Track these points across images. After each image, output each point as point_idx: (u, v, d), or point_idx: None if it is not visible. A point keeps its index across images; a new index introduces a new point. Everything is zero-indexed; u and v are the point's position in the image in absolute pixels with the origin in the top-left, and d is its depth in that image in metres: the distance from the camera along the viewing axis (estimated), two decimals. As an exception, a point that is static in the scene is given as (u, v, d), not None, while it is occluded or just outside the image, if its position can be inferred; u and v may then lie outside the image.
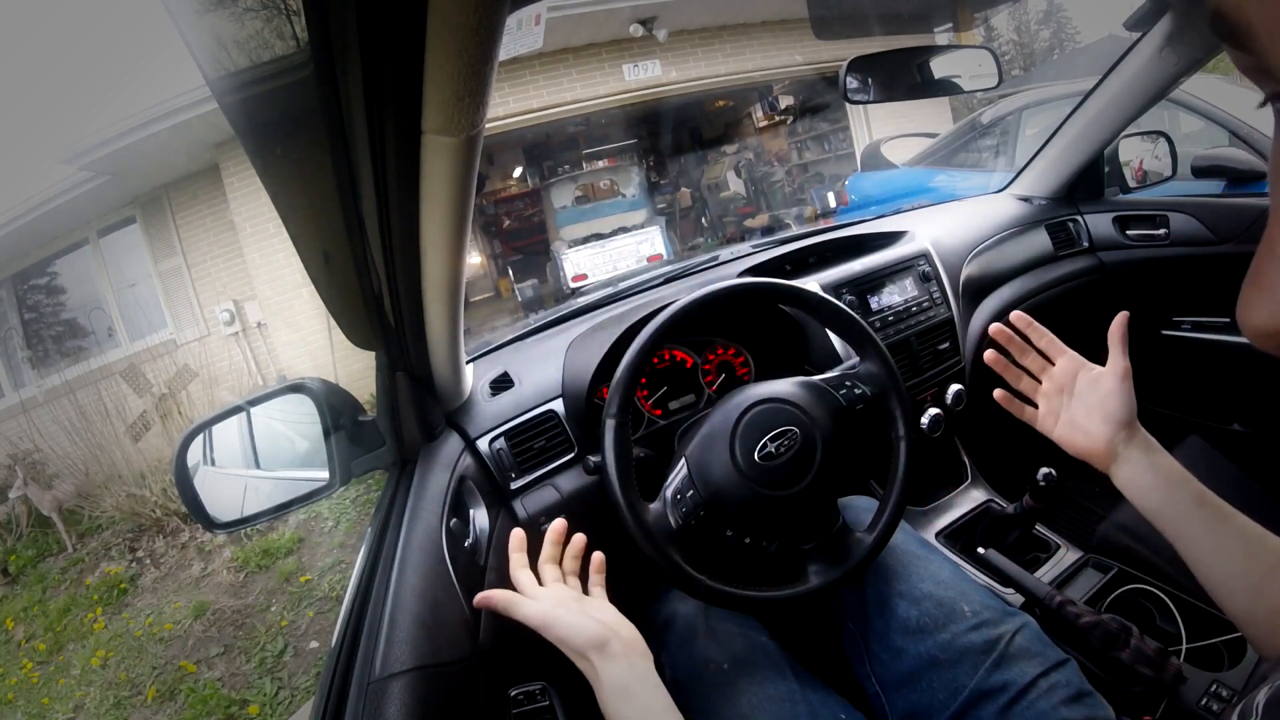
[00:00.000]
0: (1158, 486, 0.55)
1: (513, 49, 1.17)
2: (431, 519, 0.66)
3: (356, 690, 0.49)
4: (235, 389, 4.86)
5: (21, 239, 5.48)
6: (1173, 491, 0.54)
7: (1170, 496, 0.54)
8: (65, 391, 4.52)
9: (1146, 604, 0.86)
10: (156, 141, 4.53)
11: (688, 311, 0.74)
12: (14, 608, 3.56)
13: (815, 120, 7.99)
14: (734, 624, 0.79)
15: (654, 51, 5.50)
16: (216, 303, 5.38)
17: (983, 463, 1.21)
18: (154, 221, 5.52)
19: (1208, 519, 0.53)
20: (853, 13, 4.17)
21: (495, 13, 0.29)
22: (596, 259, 6.21)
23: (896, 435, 0.77)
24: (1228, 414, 1.33)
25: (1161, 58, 1.08)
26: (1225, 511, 0.53)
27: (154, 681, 2.52)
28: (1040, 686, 0.63)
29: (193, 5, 0.30)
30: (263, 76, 0.34)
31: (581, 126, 7.61)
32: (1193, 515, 0.53)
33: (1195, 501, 0.53)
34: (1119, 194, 1.39)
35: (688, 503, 0.70)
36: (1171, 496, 0.54)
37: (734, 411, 0.73)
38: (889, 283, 1.12)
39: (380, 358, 0.69)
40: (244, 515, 0.72)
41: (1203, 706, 0.69)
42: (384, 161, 0.38)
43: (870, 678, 0.75)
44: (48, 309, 6.27)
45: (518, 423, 0.89)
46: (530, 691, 0.62)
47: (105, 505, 3.89)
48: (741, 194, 8.93)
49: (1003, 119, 3.63)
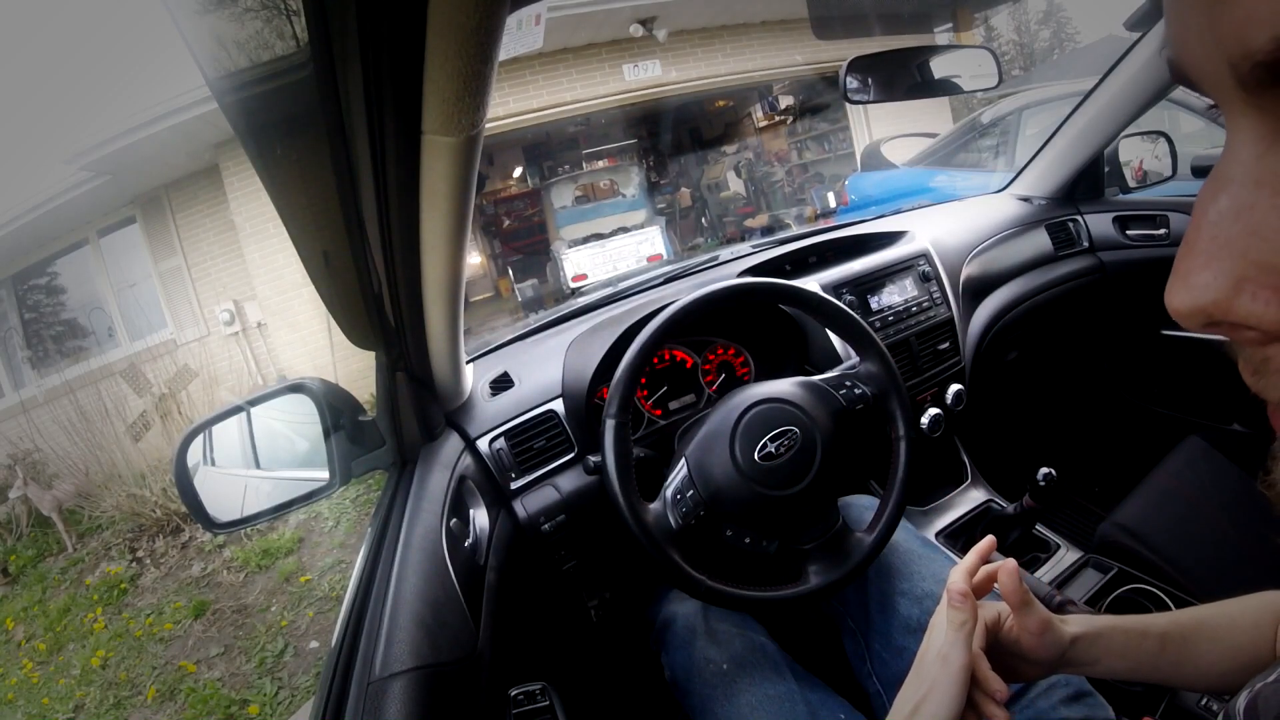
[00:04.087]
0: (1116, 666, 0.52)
1: (513, 49, 1.16)
2: (431, 519, 0.66)
3: (356, 690, 0.49)
4: (235, 389, 4.87)
5: (21, 239, 5.48)
6: (1132, 659, 0.51)
7: (1134, 665, 0.51)
8: (65, 391, 4.52)
9: (1146, 604, 0.86)
10: (156, 141, 4.53)
11: (688, 311, 0.74)
12: (14, 608, 3.56)
13: (815, 120, 7.99)
14: (734, 624, 0.79)
15: (654, 51, 5.50)
16: (216, 303, 5.38)
17: (983, 463, 1.21)
18: (154, 221, 5.52)
19: (1177, 652, 0.50)
20: (853, 13, 4.17)
21: (495, 13, 0.29)
22: (596, 259, 6.21)
23: (896, 435, 0.77)
24: (1228, 414, 1.33)
25: (1161, 58, 1.07)
26: (1189, 629, 0.51)
27: (154, 681, 2.52)
28: (1040, 686, 0.64)
29: (193, 5, 0.30)
30: (263, 76, 0.34)
31: (581, 126, 7.61)
32: (1161, 661, 0.51)
33: (1157, 648, 0.50)
34: (1119, 194, 1.39)
35: (688, 503, 0.70)
36: (1135, 664, 0.51)
37: (734, 411, 0.73)
38: (889, 283, 1.12)
39: (380, 358, 0.69)
40: (244, 515, 0.72)
41: (1203, 706, 0.69)
42: (384, 161, 0.38)
43: (872, 676, 0.75)
44: (48, 309, 6.27)
45: (518, 423, 0.89)
46: (530, 691, 0.62)
47: (105, 505, 3.89)
48: (741, 194, 8.93)
49: (1003, 119, 3.63)
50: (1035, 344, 1.40)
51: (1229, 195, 0.18)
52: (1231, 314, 0.18)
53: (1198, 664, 0.50)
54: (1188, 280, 0.19)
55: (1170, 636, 0.51)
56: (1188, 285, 0.19)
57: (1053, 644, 0.50)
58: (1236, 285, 0.18)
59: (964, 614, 0.50)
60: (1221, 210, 0.18)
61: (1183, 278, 0.19)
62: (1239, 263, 0.18)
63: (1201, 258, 0.19)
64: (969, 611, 0.50)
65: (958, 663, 0.48)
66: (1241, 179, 0.18)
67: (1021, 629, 0.51)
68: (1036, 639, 0.50)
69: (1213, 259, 0.18)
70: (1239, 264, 0.18)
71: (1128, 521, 0.95)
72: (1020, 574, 0.51)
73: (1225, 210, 0.18)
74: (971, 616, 0.50)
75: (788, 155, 8.70)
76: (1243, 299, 0.18)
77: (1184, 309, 0.19)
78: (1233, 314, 0.18)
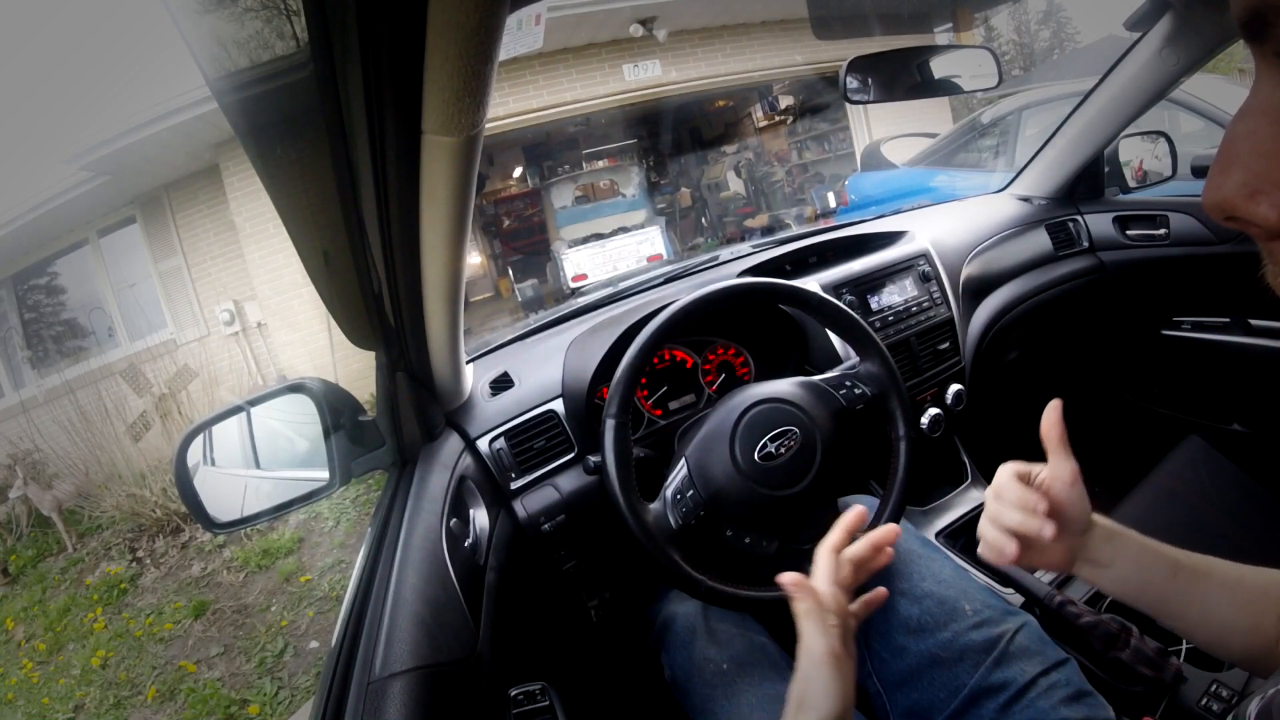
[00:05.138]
0: (1129, 575, 0.52)
1: (513, 49, 1.16)
2: (431, 519, 0.66)
3: (356, 690, 0.49)
4: (235, 389, 4.86)
5: (21, 239, 5.48)
6: (1145, 574, 0.51)
7: (1144, 581, 0.51)
8: (65, 391, 4.52)
9: (1146, 604, 0.86)
10: (156, 141, 4.53)
11: (688, 311, 0.74)
12: (14, 608, 3.56)
13: (815, 120, 7.99)
14: (733, 624, 0.79)
15: (654, 51, 5.50)
16: (216, 303, 5.37)
17: (983, 463, 1.21)
18: (154, 221, 5.52)
19: (1187, 585, 0.51)
20: (853, 13, 4.17)
21: (495, 13, 0.29)
22: (596, 259, 6.21)
23: (896, 435, 0.77)
24: (1228, 414, 1.33)
25: (1161, 58, 1.08)
26: (1201, 568, 0.51)
27: (154, 681, 2.52)
28: (1040, 685, 0.63)
29: (193, 5, 0.30)
30: (263, 76, 0.34)
31: (581, 126, 7.61)
32: (1170, 588, 0.51)
33: (1170, 573, 0.51)
34: (1119, 194, 1.39)
35: (688, 503, 0.70)
36: (1145, 580, 0.51)
37: (734, 411, 0.73)
38: (889, 283, 1.11)
39: (380, 358, 0.69)
40: (244, 515, 0.72)
41: (1203, 706, 0.69)
42: (384, 161, 0.38)
43: (871, 676, 0.75)
44: (48, 309, 6.27)
45: (518, 423, 0.89)
46: (530, 691, 0.62)
47: (105, 505, 3.89)
48: (741, 194, 8.93)
49: (1003, 119, 3.63)
50: (1035, 344, 1.40)
51: (1245, 121, 0.23)
52: (1240, 211, 0.23)
53: (1204, 604, 0.50)
54: (1212, 182, 0.24)
55: (1184, 566, 0.51)
56: (1212, 186, 0.24)
57: (1079, 503, 0.52)
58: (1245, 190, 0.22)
59: (805, 602, 0.52)
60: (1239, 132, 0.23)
61: (1211, 178, 0.24)
62: (1247, 173, 0.22)
63: (1222, 166, 0.23)
64: (810, 599, 0.52)
65: (819, 649, 0.50)
66: (1259, 109, 0.22)
67: (1054, 477, 0.52)
68: (1068, 488, 0.51)
69: (1229, 168, 0.23)
70: (1247, 174, 0.22)
71: (1128, 521, 0.95)
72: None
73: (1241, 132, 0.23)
74: (813, 602, 0.52)
75: (788, 155, 8.70)
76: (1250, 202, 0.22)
77: (1208, 203, 0.24)
78: (1241, 211, 0.23)
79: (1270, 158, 0.22)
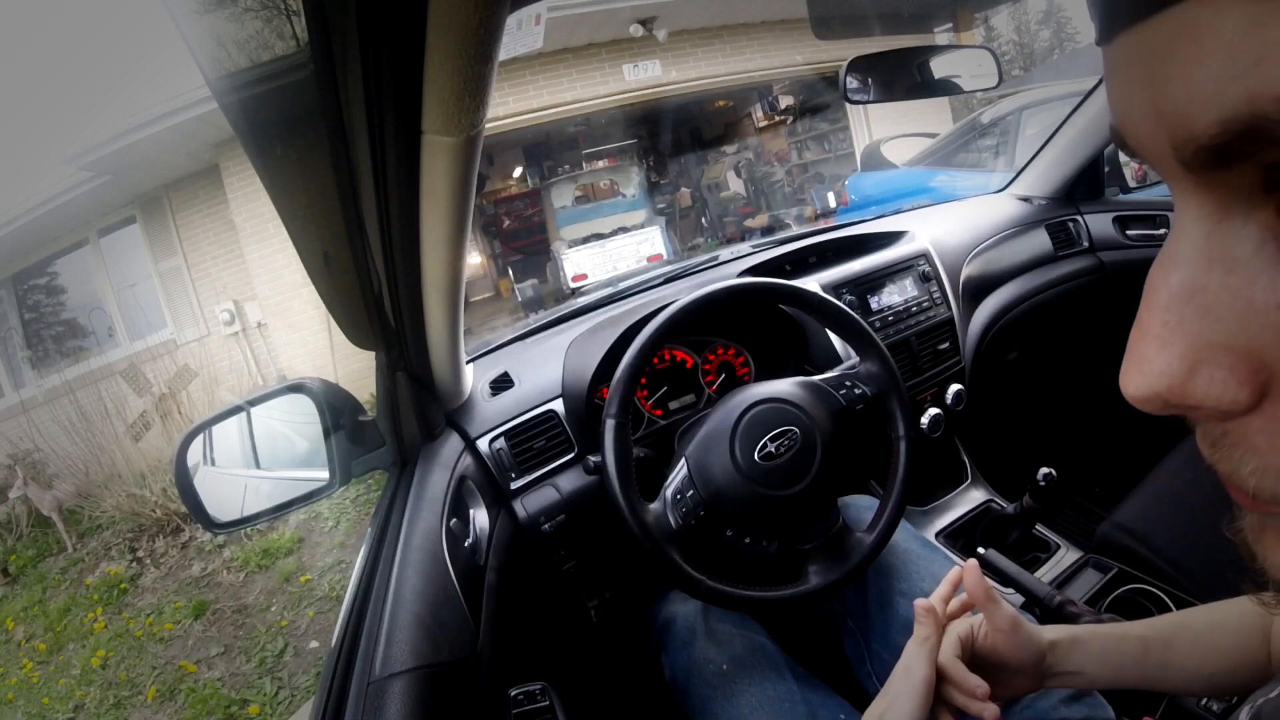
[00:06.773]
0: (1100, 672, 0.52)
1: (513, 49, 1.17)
2: (431, 519, 0.66)
3: (356, 690, 0.49)
4: (235, 389, 4.86)
5: (21, 239, 5.48)
6: (1116, 665, 0.51)
7: (1118, 670, 0.51)
8: (65, 391, 4.52)
9: (1146, 604, 0.86)
10: (156, 141, 4.53)
11: (688, 311, 0.74)
12: (14, 608, 3.56)
13: (815, 120, 7.99)
14: (733, 625, 0.79)
15: (654, 51, 5.50)
16: (216, 303, 5.37)
17: (983, 463, 1.21)
18: (154, 221, 5.52)
19: (1161, 658, 0.50)
20: (853, 13, 4.17)
21: (495, 13, 0.29)
22: (596, 259, 6.21)
23: (896, 435, 0.77)
24: (1228, 414, 1.33)
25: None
26: (1169, 634, 0.51)
27: (154, 681, 2.52)
28: (1040, 686, 0.63)
29: (193, 5, 0.30)
30: (263, 76, 0.34)
31: (581, 126, 7.61)
32: (1146, 667, 0.50)
33: (1140, 653, 0.50)
34: (1119, 194, 1.39)
35: (688, 503, 0.70)
36: (1119, 669, 0.51)
37: (734, 411, 0.73)
38: (889, 283, 1.12)
39: (380, 358, 0.69)
40: (244, 515, 0.72)
41: (1203, 706, 0.69)
42: (384, 161, 0.38)
43: (872, 676, 0.75)
44: (48, 309, 6.27)
45: (518, 423, 0.89)
46: (530, 691, 0.62)
47: (105, 505, 3.89)
48: (741, 194, 8.92)
49: (1003, 119, 3.64)
50: (1035, 344, 1.40)
51: (1179, 275, 0.18)
52: (1188, 398, 0.18)
53: (1183, 667, 0.50)
54: (1143, 366, 0.18)
55: (1151, 640, 0.51)
56: (1143, 371, 0.18)
57: (1026, 645, 0.51)
58: (1191, 368, 0.17)
59: (926, 629, 0.52)
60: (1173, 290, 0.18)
61: (1137, 363, 0.18)
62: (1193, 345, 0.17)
63: (1155, 342, 0.18)
64: (931, 627, 0.52)
65: (919, 675, 0.50)
66: (1192, 257, 0.17)
67: (992, 628, 0.52)
68: (1008, 637, 0.51)
69: (1167, 343, 0.18)
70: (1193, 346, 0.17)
71: (1128, 521, 0.95)
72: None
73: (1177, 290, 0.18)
74: (935, 631, 0.52)
75: (788, 155, 8.70)
76: (1199, 381, 0.17)
77: (1140, 395, 0.19)
78: (1189, 398, 0.18)
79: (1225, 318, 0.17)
